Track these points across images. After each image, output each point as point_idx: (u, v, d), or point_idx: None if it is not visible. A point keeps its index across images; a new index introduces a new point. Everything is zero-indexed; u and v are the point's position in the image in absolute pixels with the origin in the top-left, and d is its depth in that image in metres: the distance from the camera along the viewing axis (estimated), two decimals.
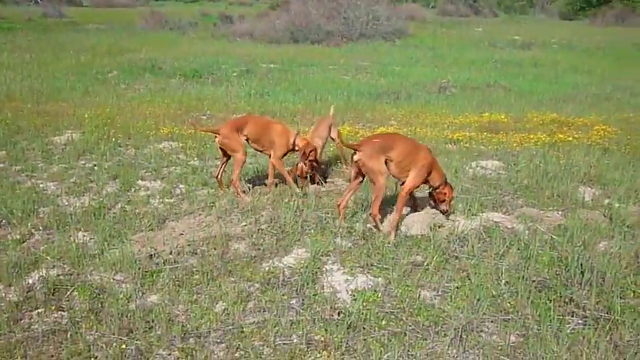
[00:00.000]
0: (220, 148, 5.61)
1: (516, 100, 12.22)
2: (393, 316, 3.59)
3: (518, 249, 4.40)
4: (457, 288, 3.89)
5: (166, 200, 5.57)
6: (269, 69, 15.99)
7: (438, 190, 4.95)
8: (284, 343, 3.31)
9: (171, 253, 4.36)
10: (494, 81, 14.57)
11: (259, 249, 4.48)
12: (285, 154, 5.82)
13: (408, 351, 3.24)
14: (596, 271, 3.94)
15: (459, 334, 3.36)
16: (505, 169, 6.70)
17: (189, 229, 4.85)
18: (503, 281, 3.95)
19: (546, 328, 3.41)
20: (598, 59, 20.30)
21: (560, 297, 3.80)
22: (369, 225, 4.91)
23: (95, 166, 6.59)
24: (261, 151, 5.90)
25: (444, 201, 4.97)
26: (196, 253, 4.42)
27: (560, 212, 5.29)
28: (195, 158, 7.04)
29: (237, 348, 3.29)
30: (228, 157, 5.68)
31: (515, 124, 9.54)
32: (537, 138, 8.21)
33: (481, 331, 3.47)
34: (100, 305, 3.69)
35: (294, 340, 3.34)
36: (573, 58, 20.25)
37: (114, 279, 3.98)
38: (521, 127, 9.25)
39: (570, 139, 8.16)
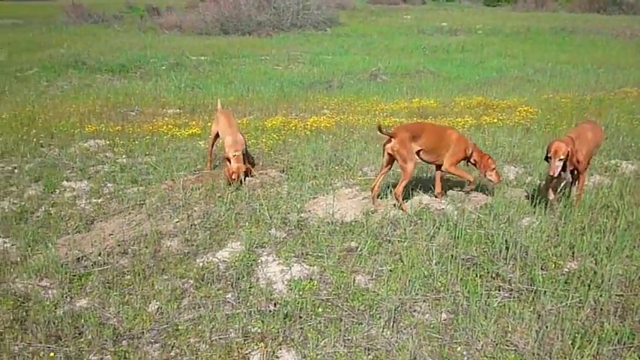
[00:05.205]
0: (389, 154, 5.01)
1: (444, 85, 12.59)
2: (329, 303, 3.62)
3: (448, 229, 4.54)
4: (390, 271, 3.97)
5: (94, 200, 5.37)
6: (199, 61, 15.68)
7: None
8: (220, 338, 3.28)
9: (100, 255, 4.21)
10: (423, 67, 14.93)
11: (193, 245, 4.40)
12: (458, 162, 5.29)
13: (344, 336, 3.29)
14: (520, 245, 4.15)
15: (393, 315, 3.44)
16: None
17: (119, 229, 4.70)
18: (434, 261, 4.07)
19: (475, 304, 3.55)
20: (520, 43, 21.18)
21: (488, 272, 3.96)
22: (302, 215, 4.93)
23: (15, 168, 6.24)
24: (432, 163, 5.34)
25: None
26: (127, 253, 4.29)
27: (486, 191, 5.50)
28: (124, 155, 6.81)
29: (172, 347, 3.23)
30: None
31: (443, 108, 9.82)
32: (464, 121, 8.48)
33: (414, 310, 3.56)
34: (24, 314, 3.53)
35: (231, 335, 3.32)
36: (497, 43, 21.04)
37: (39, 285, 3.81)
38: (449, 112, 9.53)
39: (495, 120, 8.48)
